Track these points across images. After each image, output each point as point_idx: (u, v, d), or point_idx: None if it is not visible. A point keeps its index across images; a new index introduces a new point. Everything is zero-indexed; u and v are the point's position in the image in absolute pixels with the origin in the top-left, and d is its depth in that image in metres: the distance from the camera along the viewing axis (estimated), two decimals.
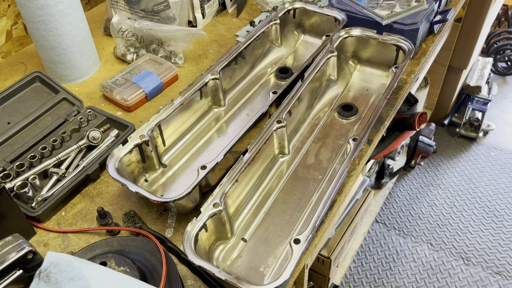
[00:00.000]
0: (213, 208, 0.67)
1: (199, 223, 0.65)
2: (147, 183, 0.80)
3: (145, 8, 1.07)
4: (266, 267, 0.69)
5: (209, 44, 1.15)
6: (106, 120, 0.89)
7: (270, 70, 1.05)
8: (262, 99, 0.98)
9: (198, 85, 0.88)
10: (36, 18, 0.91)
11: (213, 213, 0.67)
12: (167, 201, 0.68)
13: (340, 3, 1.08)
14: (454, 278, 1.66)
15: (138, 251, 0.65)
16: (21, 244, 0.55)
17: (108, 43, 1.15)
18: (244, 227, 0.75)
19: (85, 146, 0.84)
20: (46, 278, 0.53)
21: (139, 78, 0.97)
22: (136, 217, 0.75)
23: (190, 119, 0.89)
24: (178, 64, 1.08)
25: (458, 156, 2.12)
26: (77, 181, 0.78)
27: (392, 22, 1.01)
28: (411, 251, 1.75)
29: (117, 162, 0.74)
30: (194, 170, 0.82)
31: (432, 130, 2.04)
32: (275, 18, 1.06)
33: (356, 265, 1.71)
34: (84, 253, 0.65)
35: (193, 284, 0.67)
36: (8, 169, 0.79)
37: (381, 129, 0.91)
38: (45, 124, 0.88)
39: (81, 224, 0.75)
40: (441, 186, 1.98)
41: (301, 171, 0.83)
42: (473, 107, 2.11)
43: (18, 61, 1.10)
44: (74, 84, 1.03)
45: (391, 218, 1.87)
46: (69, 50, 0.98)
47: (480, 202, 1.92)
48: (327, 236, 1.31)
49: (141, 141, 0.77)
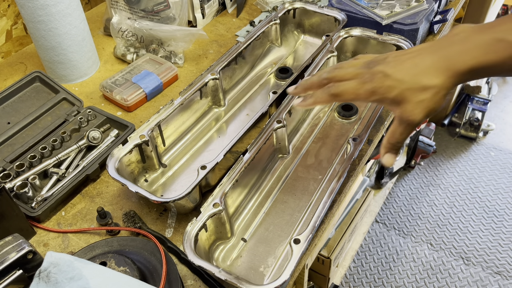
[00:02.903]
0: (213, 208, 0.67)
1: (199, 223, 0.65)
2: (147, 183, 0.80)
3: (145, 8, 1.07)
4: (266, 267, 0.69)
5: (209, 44, 1.15)
6: (106, 120, 0.89)
7: (270, 70, 1.05)
8: (262, 99, 0.98)
9: (198, 85, 0.88)
10: (36, 18, 0.91)
11: (213, 213, 0.67)
12: (167, 201, 0.68)
13: (340, 3, 1.08)
14: (454, 278, 1.66)
15: (138, 251, 0.65)
16: (21, 244, 0.55)
17: (108, 43, 1.15)
18: (244, 227, 0.75)
19: (85, 146, 0.84)
20: (46, 278, 0.53)
21: (139, 78, 0.97)
22: (136, 217, 0.75)
23: (190, 119, 0.89)
24: (178, 64, 1.08)
25: (458, 156, 2.12)
26: (77, 181, 0.78)
27: (392, 22, 1.01)
28: (411, 251, 1.75)
29: (117, 162, 0.74)
30: (194, 170, 0.82)
31: (432, 130, 2.04)
32: (275, 18, 1.06)
33: (356, 265, 1.71)
34: (84, 253, 0.65)
35: (193, 284, 0.67)
36: (8, 169, 0.79)
37: (381, 129, 0.91)
38: (45, 124, 0.88)
39: (81, 224, 0.75)
40: (441, 186, 1.98)
41: (301, 171, 0.83)
42: (473, 107, 2.11)
43: (18, 61, 1.10)
44: (74, 84, 1.03)
45: (391, 218, 1.87)
46: (69, 50, 0.98)
47: (480, 202, 1.92)
48: (327, 236, 1.31)
49: (141, 141, 0.77)
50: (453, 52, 0.52)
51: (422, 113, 0.54)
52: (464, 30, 0.53)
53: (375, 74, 0.56)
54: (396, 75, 0.54)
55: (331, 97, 0.60)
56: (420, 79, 0.53)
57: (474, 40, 0.52)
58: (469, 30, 0.53)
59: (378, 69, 0.56)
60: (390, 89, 0.55)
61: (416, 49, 0.56)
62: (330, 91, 0.59)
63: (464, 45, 0.52)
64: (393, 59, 0.56)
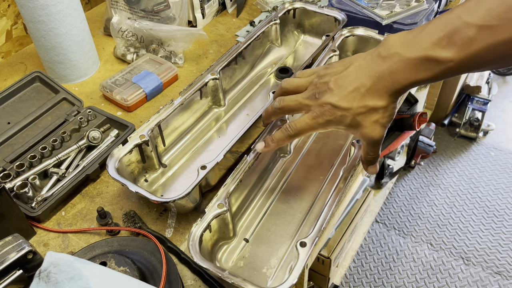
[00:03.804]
0: (217, 209, 0.67)
1: (203, 224, 0.65)
2: (147, 183, 0.80)
3: (145, 8, 1.07)
4: (269, 268, 0.69)
5: (209, 44, 1.15)
6: (106, 120, 0.89)
7: (270, 70, 1.05)
8: (262, 99, 0.98)
9: (198, 85, 0.88)
10: (36, 18, 0.91)
11: (217, 213, 0.67)
12: (167, 201, 0.68)
13: (340, 3, 1.08)
14: (454, 278, 1.66)
15: (138, 251, 0.65)
16: (21, 244, 0.55)
17: (108, 43, 1.15)
18: (246, 227, 0.75)
19: (85, 146, 0.84)
20: (46, 278, 0.53)
21: (139, 78, 0.97)
22: (136, 217, 0.75)
23: (190, 119, 0.89)
24: (178, 64, 1.08)
25: (458, 156, 2.12)
26: (77, 181, 0.78)
27: (392, 22, 1.01)
28: (411, 251, 1.75)
29: (117, 162, 0.73)
30: (194, 170, 0.82)
31: (432, 130, 2.04)
32: (275, 18, 1.06)
33: (356, 265, 1.71)
34: (84, 253, 0.65)
35: (193, 284, 0.67)
36: (8, 169, 0.79)
37: None
38: (45, 124, 0.88)
39: (81, 224, 0.75)
40: (441, 186, 1.98)
41: (303, 171, 0.83)
42: (473, 107, 2.11)
43: (18, 61, 1.10)
44: (74, 84, 1.03)
45: (391, 218, 1.87)
46: (69, 50, 0.98)
47: (480, 202, 1.92)
48: (327, 236, 1.31)
49: (141, 141, 0.77)
50: (388, 73, 0.55)
51: (380, 129, 0.59)
52: (394, 45, 0.55)
53: (323, 107, 0.60)
54: (342, 104, 0.58)
55: (290, 137, 0.65)
56: (366, 103, 0.57)
57: (403, 58, 0.54)
58: (398, 45, 0.55)
59: (324, 101, 0.59)
60: (343, 118, 0.59)
61: (354, 68, 0.59)
62: (288, 133, 0.64)
63: (396, 65, 0.54)
64: (335, 85, 0.59)
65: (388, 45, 0.56)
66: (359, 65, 0.58)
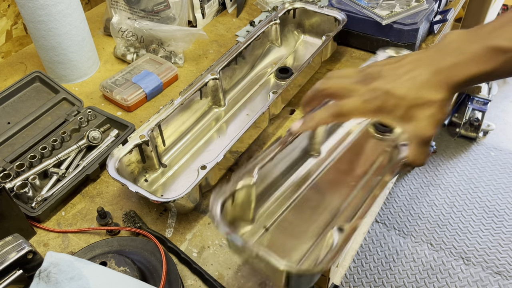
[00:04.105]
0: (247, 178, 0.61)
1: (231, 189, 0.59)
2: (147, 183, 0.80)
3: (145, 8, 1.07)
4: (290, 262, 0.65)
5: (209, 44, 1.15)
6: (106, 120, 0.89)
7: (270, 70, 1.05)
8: (262, 99, 0.98)
9: (198, 85, 0.88)
10: (36, 18, 0.91)
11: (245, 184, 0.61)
12: (167, 201, 0.68)
13: (340, 3, 1.08)
14: (454, 278, 1.66)
15: (138, 251, 0.65)
16: (21, 244, 0.55)
17: (108, 43, 1.15)
18: (267, 216, 0.70)
19: (85, 146, 0.84)
20: (46, 278, 0.53)
21: (139, 78, 0.97)
22: (136, 217, 0.75)
23: (190, 119, 0.89)
24: (178, 64, 1.08)
25: (458, 156, 2.12)
26: (77, 181, 0.78)
27: (392, 22, 1.01)
28: (411, 251, 1.75)
29: (117, 162, 0.74)
30: (194, 170, 0.82)
31: None
32: (275, 18, 1.06)
33: (356, 265, 1.71)
34: (84, 253, 0.65)
35: (193, 284, 0.67)
36: (8, 169, 0.79)
37: None
38: (45, 124, 0.88)
39: (81, 224, 0.75)
40: (441, 186, 1.98)
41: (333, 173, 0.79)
42: (473, 107, 2.11)
43: (18, 61, 1.10)
44: (74, 84, 1.03)
45: (391, 218, 1.87)
46: (69, 50, 0.98)
47: (480, 202, 1.92)
48: None
49: (141, 141, 0.77)
50: (449, 65, 0.52)
51: (434, 126, 0.54)
52: (457, 39, 0.53)
53: (375, 91, 0.54)
54: (397, 91, 0.53)
55: (333, 117, 0.57)
56: (422, 95, 0.52)
57: (467, 50, 0.51)
58: (461, 39, 0.53)
59: (376, 85, 0.54)
60: (396, 108, 0.53)
61: (409, 60, 0.55)
62: (333, 111, 0.57)
63: (458, 57, 0.52)
64: (388, 73, 0.54)
65: (449, 41, 0.54)
66: (415, 59, 0.55)
